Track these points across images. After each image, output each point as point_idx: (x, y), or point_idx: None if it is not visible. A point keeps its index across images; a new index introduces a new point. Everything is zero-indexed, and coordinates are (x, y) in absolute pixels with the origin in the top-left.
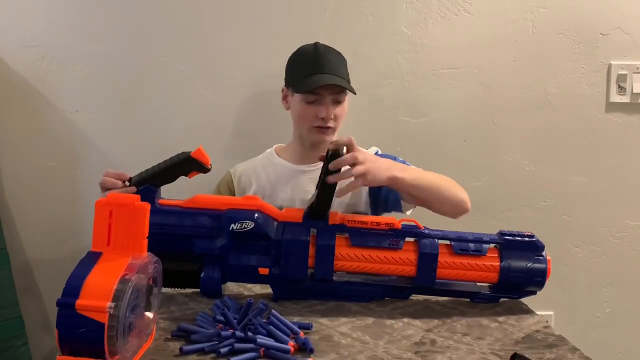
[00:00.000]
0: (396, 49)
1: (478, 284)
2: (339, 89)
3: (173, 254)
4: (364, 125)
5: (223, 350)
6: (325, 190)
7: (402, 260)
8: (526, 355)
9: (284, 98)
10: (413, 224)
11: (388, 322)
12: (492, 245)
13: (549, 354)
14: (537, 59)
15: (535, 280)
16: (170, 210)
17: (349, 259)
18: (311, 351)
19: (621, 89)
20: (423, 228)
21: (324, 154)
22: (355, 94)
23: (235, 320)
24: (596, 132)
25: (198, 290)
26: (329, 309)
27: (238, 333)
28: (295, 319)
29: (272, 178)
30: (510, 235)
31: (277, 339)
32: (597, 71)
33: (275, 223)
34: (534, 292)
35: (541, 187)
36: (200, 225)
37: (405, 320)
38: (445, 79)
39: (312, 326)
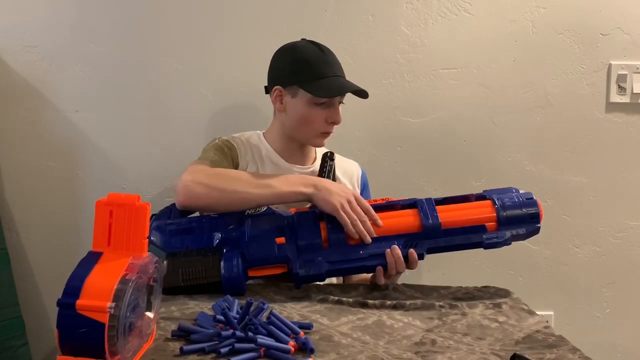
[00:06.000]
0: (396, 49)
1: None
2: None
3: (194, 252)
4: (364, 125)
5: (223, 350)
6: None
7: (405, 215)
8: (526, 356)
9: (277, 98)
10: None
11: (388, 322)
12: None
13: (549, 354)
14: (537, 59)
15: (529, 204)
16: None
17: None
18: (311, 351)
19: (621, 89)
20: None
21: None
22: (367, 97)
23: (236, 320)
24: (596, 132)
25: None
26: (328, 309)
27: (238, 333)
28: (296, 319)
29: (264, 166)
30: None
31: (277, 339)
32: (597, 71)
33: (286, 213)
34: (536, 223)
35: (541, 187)
36: (219, 218)
37: (405, 320)
38: (445, 79)
39: (312, 326)
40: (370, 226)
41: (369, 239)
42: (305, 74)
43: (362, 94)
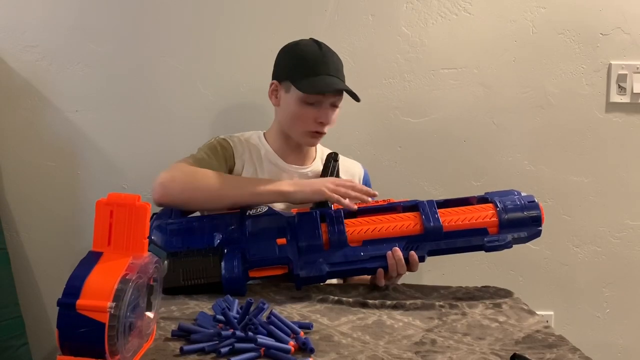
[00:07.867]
0: (396, 49)
1: (485, 238)
2: (340, 93)
3: (195, 252)
4: (364, 125)
5: (223, 350)
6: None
7: (406, 217)
8: (526, 356)
9: (273, 93)
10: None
11: (388, 322)
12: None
13: (549, 354)
14: (537, 59)
15: (531, 207)
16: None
17: (358, 224)
18: (311, 351)
19: (621, 89)
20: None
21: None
22: (359, 101)
23: (236, 320)
24: (596, 132)
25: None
26: (328, 308)
27: (238, 333)
28: (296, 319)
29: (262, 166)
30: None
31: (277, 339)
32: (597, 71)
33: (287, 213)
34: (538, 226)
35: (541, 187)
36: (220, 218)
37: (406, 320)
38: (445, 79)
39: (312, 326)
40: (362, 187)
41: (369, 198)
42: (299, 70)
43: (352, 95)
